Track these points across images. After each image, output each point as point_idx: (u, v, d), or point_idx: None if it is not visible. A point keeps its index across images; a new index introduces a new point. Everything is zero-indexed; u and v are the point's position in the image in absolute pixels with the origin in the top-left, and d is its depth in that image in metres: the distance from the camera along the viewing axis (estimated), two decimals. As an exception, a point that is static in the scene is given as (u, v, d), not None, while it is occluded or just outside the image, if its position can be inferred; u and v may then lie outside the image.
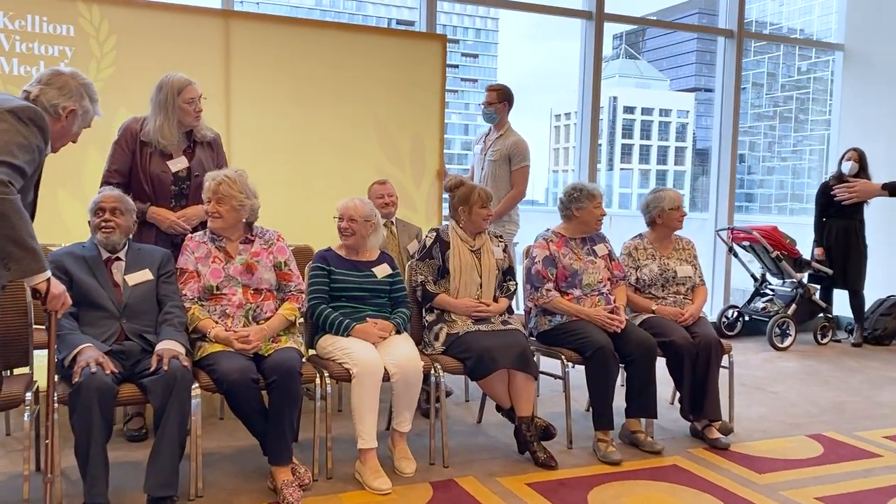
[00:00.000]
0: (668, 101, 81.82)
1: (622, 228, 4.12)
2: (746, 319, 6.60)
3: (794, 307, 6.24)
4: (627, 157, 78.73)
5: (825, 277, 6.36)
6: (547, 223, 3.96)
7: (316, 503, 2.89)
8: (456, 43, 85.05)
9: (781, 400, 4.60)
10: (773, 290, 6.54)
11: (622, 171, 74.68)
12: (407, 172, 5.06)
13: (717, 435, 3.67)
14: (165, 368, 2.67)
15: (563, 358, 3.57)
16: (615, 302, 3.76)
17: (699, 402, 3.68)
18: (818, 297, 6.39)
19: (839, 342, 6.46)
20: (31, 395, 2.72)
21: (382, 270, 3.43)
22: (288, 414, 2.89)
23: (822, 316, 6.42)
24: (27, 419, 2.67)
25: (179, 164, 3.41)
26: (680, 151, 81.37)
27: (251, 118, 4.62)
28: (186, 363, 2.73)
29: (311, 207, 4.51)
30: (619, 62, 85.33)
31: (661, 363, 3.66)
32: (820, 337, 6.39)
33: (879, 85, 7.03)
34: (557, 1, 6.19)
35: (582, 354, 3.52)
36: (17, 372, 3.06)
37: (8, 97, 2.32)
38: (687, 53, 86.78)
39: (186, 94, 3.36)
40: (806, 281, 6.38)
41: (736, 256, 6.52)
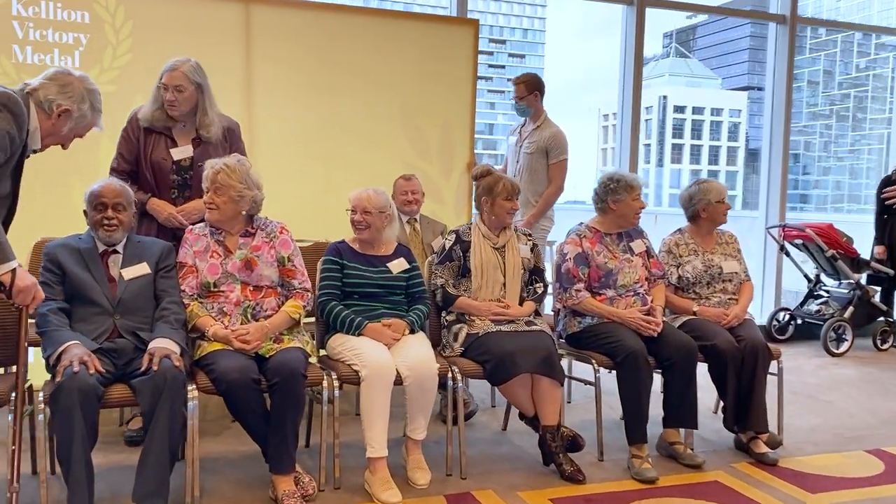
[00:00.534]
0: (719, 100, 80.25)
1: (671, 228, 3.82)
2: (799, 323, 6.20)
3: (851, 310, 5.83)
4: (678, 157, 77.42)
5: (886, 278, 5.93)
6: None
7: (319, 516, 2.69)
8: (503, 43, 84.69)
9: (836, 410, 4.23)
10: (828, 291, 6.13)
11: (672, 171, 73.35)
12: (435, 165, 4.83)
13: (763, 448, 3.35)
14: (155, 368, 2.48)
15: (593, 362, 3.30)
16: (652, 303, 3.47)
17: (744, 411, 3.37)
18: (878, 299, 5.97)
19: (901, 348, 6.02)
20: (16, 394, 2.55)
21: (399, 265, 3.21)
22: (290, 419, 2.69)
23: (882, 320, 5.99)
24: (10, 420, 2.50)
25: (183, 152, 3.22)
26: (732, 152, 79.74)
27: (272, 108, 4.44)
28: (178, 363, 2.53)
29: (331, 200, 4.31)
30: (668, 61, 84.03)
31: (704, 369, 3.36)
32: (880, 342, 5.97)
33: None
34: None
35: (612, 359, 3.24)
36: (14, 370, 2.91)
37: None
38: (740, 52, 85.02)
39: (164, 78, 3.19)
40: (864, 282, 5.97)
41: (788, 256, 6.14)
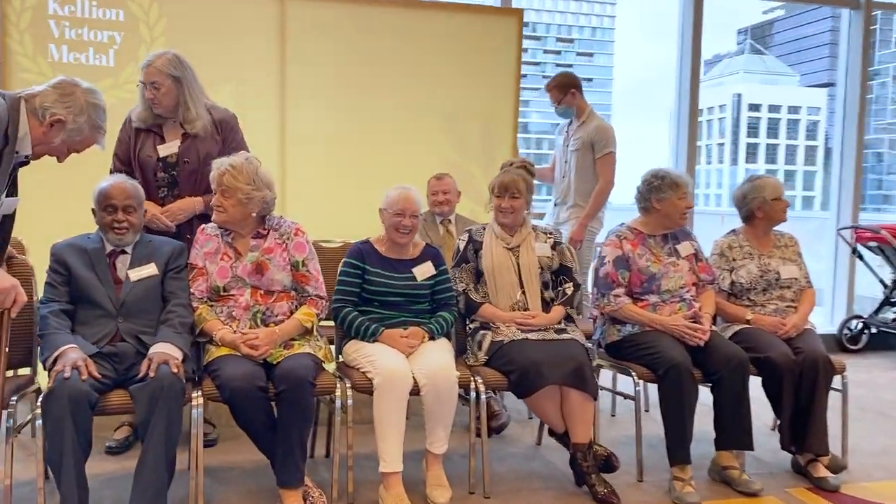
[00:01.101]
0: (797, 97, 77.55)
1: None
2: (873, 332, 5.73)
3: (932, 319, 5.37)
4: (752, 156, 75.17)
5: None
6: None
7: (327, 534, 2.52)
8: (571, 42, 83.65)
9: (912, 430, 3.85)
10: (906, 298, 5.66)
11: (747, 171, 71.44)
12: (476, 163, 4.63)
13: (823, 473, 3.03)
14: (152, 375, 2.36)
15: (633, 374, 3.05)
16: (700, 310, 3.19)
17: (802, 431, 3.06)
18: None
19: None
20: (16, 397, 2.47)
21: (424, 271, 3.01)
22: (297, 429, 2.53)
23: (966, 330, 5.49)
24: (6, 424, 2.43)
25: (170, 148, 3.09)
26: (810, 151, 77.02)
27: (306, 106, 4.31)
28: (177, 369, 2.40)
29: (365, 200, 4.14)
30: (743, 58, 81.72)
31: (759, 382, 3.07)
32: (964, 354, 5.48)
33: None
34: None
35: (654, 371, 2.98)
36: (21, 372, 2.86)
37: None
38: (819, 47, 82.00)
39: (141, 75, 3.06)
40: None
41: (861, 259, 5.69)
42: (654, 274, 3.18)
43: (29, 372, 2.79)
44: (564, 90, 4.41)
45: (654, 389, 3.08)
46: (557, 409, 2.87)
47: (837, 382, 3.18)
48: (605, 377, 3.93)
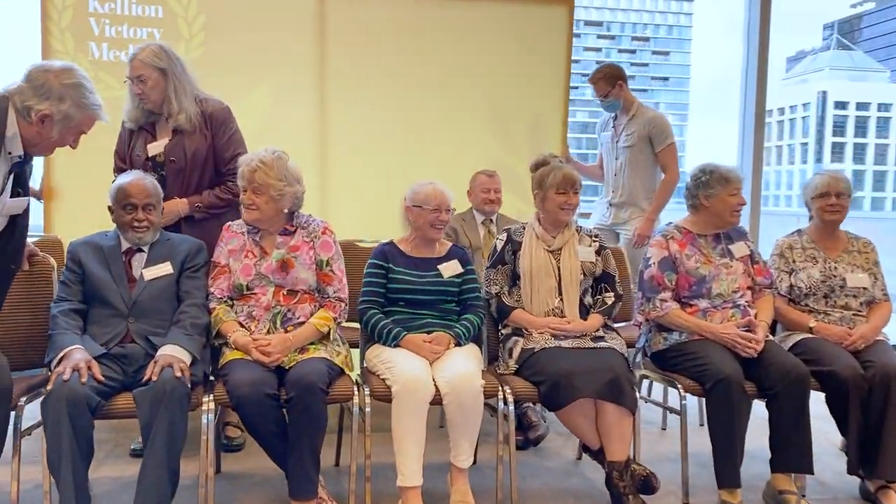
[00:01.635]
0: (888, 94, 73.93)
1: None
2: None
3: None
4: (839, 156, 72.04)
5: None
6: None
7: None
8: (646, 41, 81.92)
9: None
10: None
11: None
12: (523, 160, 4.39)
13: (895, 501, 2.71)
14: (154, 378, 2.26)
15: (679, 387, 2.79)
16: (756, 317, 2.92)
17: (872, 454, 2.74)
18: None
19: None
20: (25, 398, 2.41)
21: (450, 268, 2.85)
22: (308, 439, 2.39)
23: None
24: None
25: (158, 147, 2.97)
26: (903, 149, 73.26)
27: (347, 102, 4.19)
28: (181, 373, 2.29)
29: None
30: (829, 54, 78.51)
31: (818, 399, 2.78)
32: None
33: None
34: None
35: (701, 384, 2.72)
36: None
37: None
38: (913, 40, 78.11)
39: (127, 70, 2.95)
40: None
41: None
42: (703, 276, 2.92)
43: (45, 372, 2.73)
44: (612, 82, 4.16)
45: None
46: (591, 423, 2.64)
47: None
48: (656, 389, 3.69)
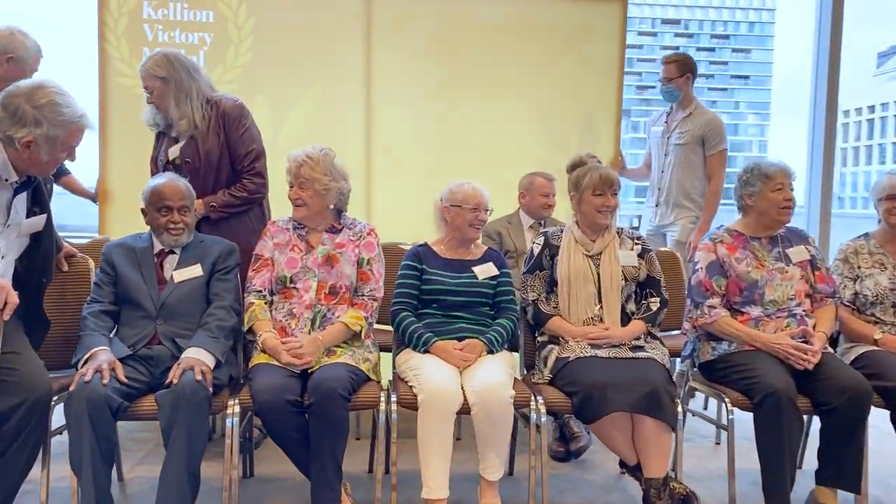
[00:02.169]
0: None
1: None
2: None
3: None
4: (927, 159, 68.26)
5: None
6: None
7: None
8: (725, 38, 79.59)
9: None
10: None
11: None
12: (574, 162, 4.29)
13: (968, 532, 2.49)
14: (175, 381, 2.24)
15: (726, 401, 2.62)
16: (814, 327, 2.72)
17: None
18: None
19: None
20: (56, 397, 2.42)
21: (485, 270, 2.77)
22: (329, 446, 2.33)
23: None
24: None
25: (175, 150, 2.97)
26: None
27: (394, 105, 4.13)
28: (201, 376, 2.27)
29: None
30: (921, 49, 74.57)
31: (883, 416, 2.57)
32: None
33: None
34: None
35: (749, 398, 2.54)
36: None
37: None
38: None
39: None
40: None
41: None
42: (755, 281, 2.73)
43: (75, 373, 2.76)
44: (683, 70, 4.02)
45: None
46: (627, 438, 2.50)
47: None
48: (712, 401, 3.50)
